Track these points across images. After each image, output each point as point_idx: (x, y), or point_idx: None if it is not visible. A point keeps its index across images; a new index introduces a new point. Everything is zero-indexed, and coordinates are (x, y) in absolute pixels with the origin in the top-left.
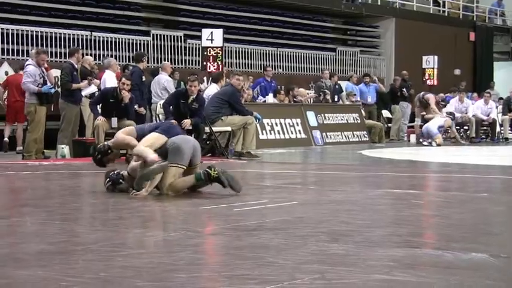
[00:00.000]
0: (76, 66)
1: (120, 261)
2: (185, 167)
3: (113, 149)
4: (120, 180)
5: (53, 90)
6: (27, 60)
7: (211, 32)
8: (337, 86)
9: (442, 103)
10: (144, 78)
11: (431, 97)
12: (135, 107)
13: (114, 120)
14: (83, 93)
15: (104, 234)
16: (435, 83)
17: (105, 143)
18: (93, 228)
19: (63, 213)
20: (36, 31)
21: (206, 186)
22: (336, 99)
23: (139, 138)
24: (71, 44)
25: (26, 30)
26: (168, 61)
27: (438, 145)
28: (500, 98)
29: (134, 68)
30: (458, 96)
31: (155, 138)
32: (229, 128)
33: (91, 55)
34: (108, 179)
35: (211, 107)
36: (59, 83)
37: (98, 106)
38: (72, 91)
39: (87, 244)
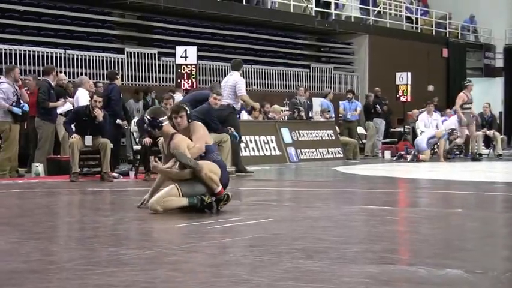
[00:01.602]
0: (53, 84)
1: (95, 279)
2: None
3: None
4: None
5: (26, 108)
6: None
7: (185, 50)
8: (308, 102)
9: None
10: (121, 95)
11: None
12: (119, 121)
13: (89, 138)
14: (59, 111)
15: (78, 252)
16: (409, 99)
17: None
18: (68, 247)
19: (37, 231)
20: (9, 49)
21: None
22: (310, 115)
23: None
24: (45, 62)
25: None
26: (142, 79)
27: (421, 160)
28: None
29: (112, 84)
30: (427, 109)
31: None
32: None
33: (65, 73)
34: None
35: None
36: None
37: (72, 124)
38: (48, 109)
39: (61, 263)
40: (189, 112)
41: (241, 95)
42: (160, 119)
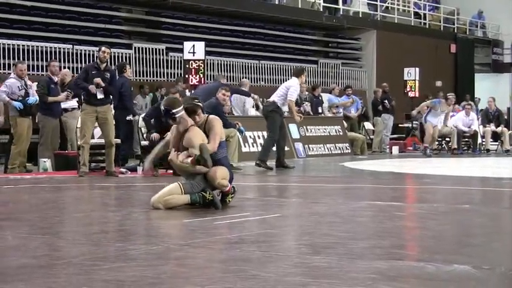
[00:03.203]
0: (54, 79)
1: (103, 274)
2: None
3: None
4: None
5: (31, 101)
6: (8, 73)
7: (193, 45)
8: (320, 98)
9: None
10: (132, 88)
11: None
12: (130, 118)
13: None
14: (64, 106)
15: (86, 247)
16: (417, 94)
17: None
18: (75, 242)
19: (45, 227)
20: (17, 44)
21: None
22: (319, 110)
23: None
24: (53, 58)
25: (8, 44)
26: (150, 74)
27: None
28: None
29: (122, 78)
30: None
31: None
32: None
33: (73, 68)
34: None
35: None
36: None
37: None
38: (49, 104)
39: (68, 258)
40: (202, 106)
41: (290, 100)
42: (174, 110)
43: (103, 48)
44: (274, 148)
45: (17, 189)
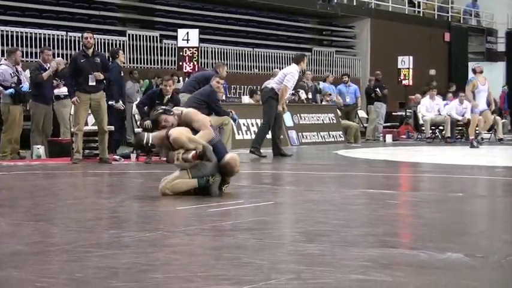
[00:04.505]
0: (46, 66)
1: (96, 261)
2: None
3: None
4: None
5: (24, 88)
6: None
7: (187, 32)
8: (315, 85)
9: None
10: (122, 74)
11: None
12: (112, 103)
13: None
14: (56, 92)
15: (79, 234)
16: (411, 83)
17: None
18: (68, 229)
19: (38, 213)
20: (11, 31)
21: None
22: (315, 98)
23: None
24: (46, 44)
25: (1, 30)
26: (144, 61)
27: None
28: None
29: (113, 63)
30: (429, 94)
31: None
32: None
33: (67, 56)
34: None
35: (188, 107)
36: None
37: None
38: (41, 90)
39: (62, 245)
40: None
41: (284, 85)
42: (144, 140)
43: (85, 34)
44: (269, 136)
45: (10, 176)
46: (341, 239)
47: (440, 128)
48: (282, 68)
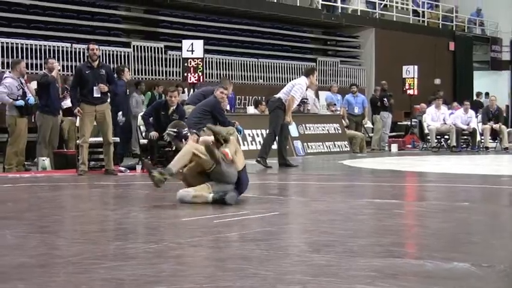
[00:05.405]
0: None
1: (102, 273)
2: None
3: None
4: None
5: (31, 101)
6: (3, 72)
7: (192, 43)
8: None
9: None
10: (128, 92)
11: None
12: (120, 116)
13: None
14: (63, 103)
15: (84, 246)
16: (415, 92)
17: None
18: (74, 241)
19: (44, 225)
20: (16, 43)
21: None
22: (318, 108)
23: None
24: (51, 56)
25: (6, 42)
26: (149, 73)
27: None
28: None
29: (120, 81)
30: (435, 103)
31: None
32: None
33: (71, 67)
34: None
35: (193, 118)
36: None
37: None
38: (48, 102)
39: (68, 257)
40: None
41: (292, 96)
42: (184, 132)
43: (91, 46)
44: (275, 146)
45: (16, 188)
46: (347, 249)
47: (446, 137)
48: (282, 79)
